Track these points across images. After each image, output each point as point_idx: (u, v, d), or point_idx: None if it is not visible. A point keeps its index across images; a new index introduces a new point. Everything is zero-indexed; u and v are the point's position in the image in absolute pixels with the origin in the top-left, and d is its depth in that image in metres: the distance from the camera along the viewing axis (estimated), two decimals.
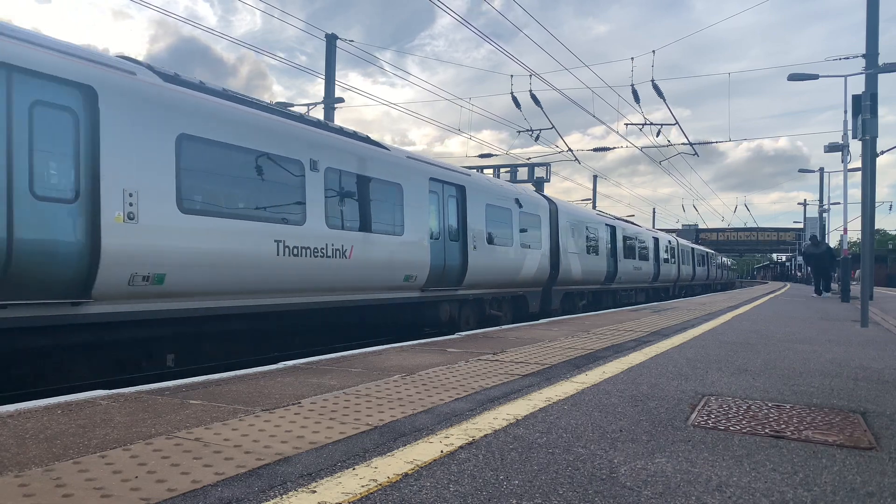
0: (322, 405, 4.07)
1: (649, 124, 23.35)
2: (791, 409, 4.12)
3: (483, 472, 2.77)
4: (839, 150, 21.28)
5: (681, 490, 2.56)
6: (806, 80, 17.55)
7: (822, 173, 40.00)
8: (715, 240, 69.63)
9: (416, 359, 6.27)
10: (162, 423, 3.56)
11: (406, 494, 2.48)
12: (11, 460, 2.86)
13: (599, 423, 3.65)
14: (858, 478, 2.75)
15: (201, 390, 4.58)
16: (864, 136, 11.06)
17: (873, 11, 18.23)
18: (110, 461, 2.85)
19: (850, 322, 11.44)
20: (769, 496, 2.51)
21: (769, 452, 3.13)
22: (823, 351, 7.15)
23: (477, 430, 3.46)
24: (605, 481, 2.65)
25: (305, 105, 20.13)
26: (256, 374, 5.30)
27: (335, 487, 2.54)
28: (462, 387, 4.73)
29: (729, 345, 7.63)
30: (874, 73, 17.18)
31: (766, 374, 5.52)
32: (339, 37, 18.97)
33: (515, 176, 21.44)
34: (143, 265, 6.36)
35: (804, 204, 51.73)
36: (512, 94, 21.01)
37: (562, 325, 10.31)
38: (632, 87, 20.45)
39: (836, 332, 9.58)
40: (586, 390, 4.65)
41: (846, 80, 18.73)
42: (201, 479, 2.61)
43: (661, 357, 6.49)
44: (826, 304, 18.33)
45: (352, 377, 5.17)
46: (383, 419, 3.69)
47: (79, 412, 3.82)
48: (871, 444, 3.29)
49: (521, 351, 6.87)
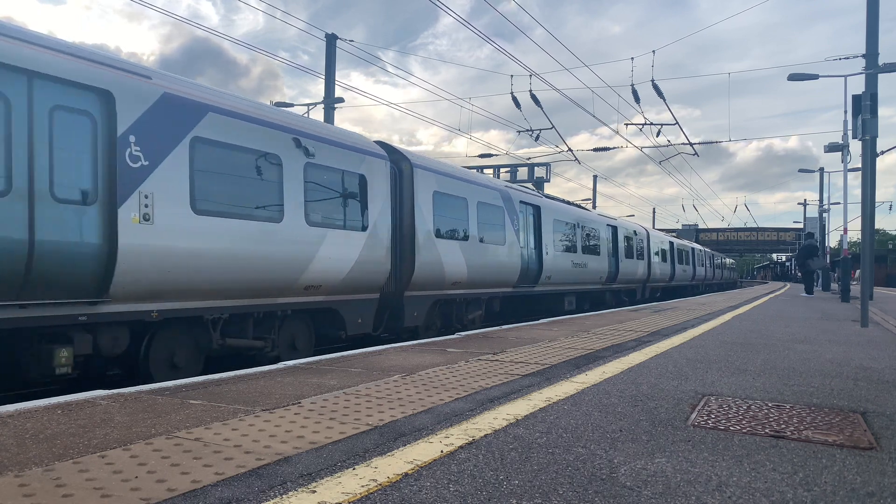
0: (322, 405, 4.07)
1: (649, 124, 23.38)
2: (791, 409, 4.12)
3: (483, 472, 2.77)
4: (839, 150, 21.29)
5: (681, 490, 2.56)
6: (806, 80, 17.55)
7: (821, 173, 40.00)
8: (715, 240, 69.62)
9: (416, 359, 6.28)
10: (162, 423, 3.56)
11: (406, 494, 2.48)
12: (11, 460, 2.86)
13: (599, 423, 3.65)
14: (858, 478, 2.75)
15: (201, 390, 4.58)
16: (864, 136, 11.06)
17: (873, 11, 18.23)
18: (110, 461, 2.85)
19: (850, 322, 11.44)
20: (769, 496, 2.51)
21: (769, 452, 3.13)
22: (823, 351, 7.15)
23: (477, 430, 3.46)
24: (605, 481, 2.65)
25: (305, 105, 20.15)
26: (256, 374, 5.31)
27: (335, 487, 2.54)
28: (462, 387, 4.74)
29: (729, 345, 7.63)
30: (874, 73, 17.19)
31: (766, 374, 5.52)
32: (339, 37, 18.99)
33: (515, 176, 21.45)
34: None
35: (804, 204, 51.73)
36: (512, 94, 21.03)
37: (562, 325, 10.31)
38: (632, 88, 20.46)
39: (836, 331, 9.58)
40: (586, 390, 4.65)
41: (846, 80, 18.76)
42: (201, 479, 2.61)
43: (661, 357, 6.49)
44: (826, 304, 18.33)
45: (352, 377, 5.17)
46: (383, 419, 3.69)
47: (79, 412, 3.82)
48: (871, 444, 3.29)
49: (521, 351, 6.87)
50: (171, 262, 6.56)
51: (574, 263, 17.74)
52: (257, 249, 7.49)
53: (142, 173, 6.32)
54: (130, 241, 6.15)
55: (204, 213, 6.91)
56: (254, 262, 7.45)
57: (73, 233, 5.80)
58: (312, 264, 8.31)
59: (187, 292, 6.83)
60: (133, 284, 6.25)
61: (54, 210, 5.66)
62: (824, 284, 30.94)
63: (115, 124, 6.11)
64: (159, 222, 6.44)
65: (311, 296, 8.54)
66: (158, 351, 6.94)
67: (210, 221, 6.97)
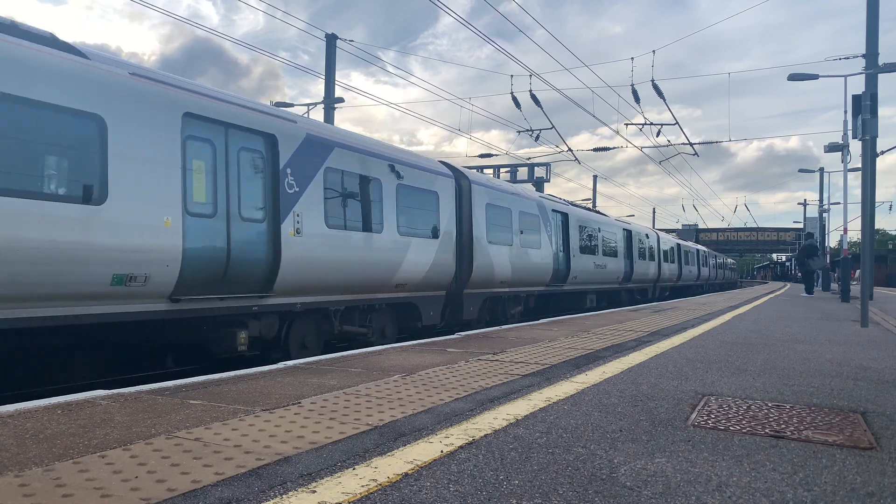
0: (322, 405, 4.07)
1: (649, 124, 23.38)
2: (791, 409, 4.12)
3: (483, 472, 2.77)
4: (839, 150, 21.28)
5: (681, 490, 2.56)
6: (806, 80, 17.56)
7: (821, 173, 39.98)
8: (715, 239, 69.59)
9: (416, 359, 6.28)
10: (162, 423, 3.56)
11: (406, 494, 2.48)
12: (11, 460, 2.86)
13: (599, 423, 3.65)
14: (858, 478, 2.75)
15: (201, 390, 4.58)
16: (864, 136, 11.06)
17: (873, 11, 18.23)
18: (110, 461, 2.85)
19: (850, 322, 11.44)
20: (769, 496, 2.51)
21: (769, 452, 3.13)
22: (823, 351, 7.15)
23: (477, 430, 3.46)
24: (605, 481, 2.65)
25: (305, 105, 20.14)
26: (257, 374, 5.31)
27: (335, 487, 2.54)
28: (462, 387, 4.74)
29: (729, 345, 7.63)
30: (874, 73, 17.19)
31: (766, 374, 5.52)
32: (339, 37, 18.98)
33: (515, 176, 21.48)
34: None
35: (804, 204, 51.70)
36: (512, 94, 21.03)
37: (562, 325, 10.31)
38: (632, 88, 20.46)
39: (835, 331, 9.59)
40: (586, 390, 4.65)
41: (846, 80, 18.77)
42: (201, 479, 2.61)
43: (661, 357, 6.49)
44: (826, 304, 18.33)
45: (352, 377, 5.17)
46: (383, 419, 3.69)
47: (79, 412, 3.82)
48: (871, 444, 3.29)
49: (521, 351, 6.87)
50: (312, 266, 8.35)
51: (595, 265, 19.34)
52: (366, 255, 9.39)
53: (294, 197, 8.15)
54: (288, 249, 7.94)
55: (332, 226, 8.78)
56: (364, 265, 9.35)
57: (253, 243, 7.59)
58: (402, 266, 10.25)
59: (320, 289, 8.68)
60: (288, 282, 8.00)
61: (242, 227, 7.44)
62: (824, 284, 30.92)
63: (277, 160, 7.95)
64: (305, 235, 8.25)
65: (399, 292, 10.52)
66: (295, 335, 8.60)
67: (336, 233, 8.84)
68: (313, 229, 8.37)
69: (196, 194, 6.99)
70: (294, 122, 8.49)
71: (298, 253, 8.07)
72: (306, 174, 8.36)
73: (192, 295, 6.93)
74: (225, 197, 7.23)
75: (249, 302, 7.64)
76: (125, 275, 6.25)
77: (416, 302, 11.00)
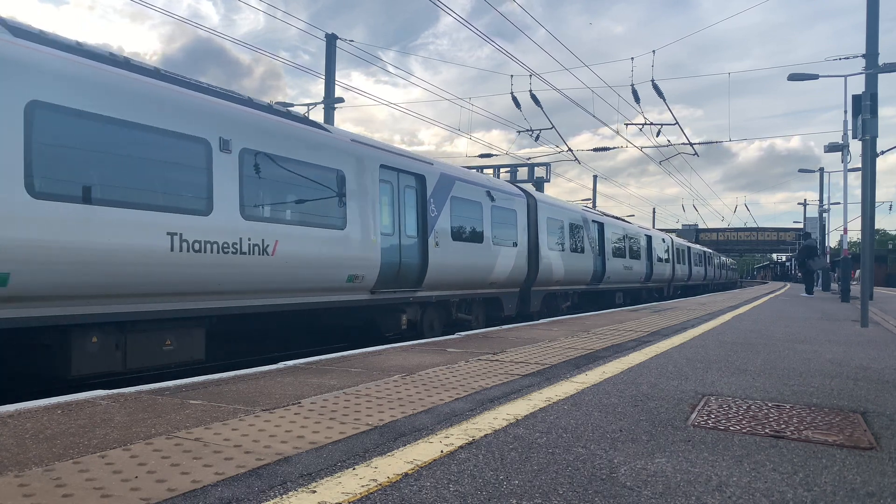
0: (322, 405, 4.07)
1: (649, 124, 23.37)
2: (791, 409, 4.12)
3: (483, 472, 2.77)
4: (839, 150, 21.27)
5: (681, 490, 2.56)
6: (806, 79, 17.55)
7: (821, 173, 39.96)
8: (715, 240, 69.55)
9: (416, 359, 6.28)
10: (162, 423, 3.56)
11: (406, 494, 2.48)
12: (11, 460, 2.86)
13: (599, 423, 3.65)
14: (858, 478, 2.76)
15: (201, 390, 4.58)
16: (864, 136, 11.06)
17: (873, 11, 18.23)
18: (110, 461, 2.85)
19: (850, 322, 11.44)
20: (769, 496, 2.51)
21: (769, 452, 3.13)
22: (823, 351, 7.15)
23: (477, 430, 3.46)
24: (605, 481, 2.66)
25: (305, 105, 20.12)
26: (256, 374, 5.31)
27: (335, 487, 2.54)
28: (462, 387, 4.74)
29: (729, 345, 7.63)
30: (874, 73, 17.18)
31: (766, 374, 5.52)
32: (339, 37, 18.98)
33: (515, 176, 21.44)
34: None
35: (804, 204, 51.67)
36: (512, 94, 21.03)
37: (562, 325, 10.31)
38: (632, 88, 20.46)
39: (836, 332, 9.59)
40: (586, 390, 4.65)
41: (846, 80, 18.73)
42: (201, 479, 2.61)
43: (661, 357, 6.49)
44: (826, 304, 18.33)
45: (352, 377, 5.17)
46: (383, 419, 3.69)
47: (79, 412, 3.82)
48: (871, 444, 3.29)
49: (521, 351, 6.87)
50: (445, 268, 11.30)
51: (624, 267, 22.55)
52: (475, 261, 12.37)
53: (434, 219, 11.17)
54: (432, 256, 10.91)
55: (455, 239, 11.73)
56: (473, 268, 12.32)
57: (412, 253, 10.59)
58: (494, 269, 13.18)
59: (446, 285, 11.59)
60: (431, 280, 10.92)
61: (407, 241, 10.46)
62: (824, 284, 30.92)
63: (425, 193, 11.03)
64: (441, 246, 11.23)
65: (491, 289, 13.45)
66: (426, 320, 11.31)
67: (458, 244, 11.79)
68: (445, 242, 11.41)
69: (384, 219, 9.96)
70: (432, 164, 11.67)
71: (437, 259, 11.01)
72: (440, 202, 11.41)
73: (382, 289, 9.82)
74: (398, 220, 10.31)
75: (408, 294, 10.54)
76: (354, 275, 9.12)
77: (501, 297, 13.89)
